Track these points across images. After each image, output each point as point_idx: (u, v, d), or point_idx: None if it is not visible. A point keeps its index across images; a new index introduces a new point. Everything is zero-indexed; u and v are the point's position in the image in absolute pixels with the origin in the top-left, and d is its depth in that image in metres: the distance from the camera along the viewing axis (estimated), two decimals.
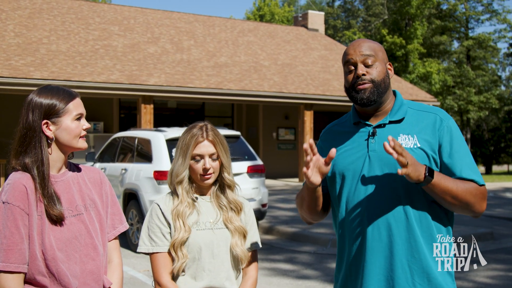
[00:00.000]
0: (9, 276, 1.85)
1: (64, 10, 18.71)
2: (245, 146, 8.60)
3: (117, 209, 2.23)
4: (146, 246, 2.26)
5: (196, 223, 2.25)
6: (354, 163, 2.08)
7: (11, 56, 14.10)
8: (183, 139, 2.28)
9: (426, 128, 2.05)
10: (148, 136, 8.25)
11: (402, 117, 2.09)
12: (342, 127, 2.23)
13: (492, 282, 6.09)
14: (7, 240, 1.85)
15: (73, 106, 2.03)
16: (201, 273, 2.23)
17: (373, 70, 2.06)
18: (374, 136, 2.07)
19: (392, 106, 2.13)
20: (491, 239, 8.57)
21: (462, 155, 2.03)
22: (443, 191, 1.94)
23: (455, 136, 2.05)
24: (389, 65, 2.14)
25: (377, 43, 2.13)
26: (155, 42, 18.35)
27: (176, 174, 2.27)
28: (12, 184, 1.91)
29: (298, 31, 24.75)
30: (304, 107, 17.53)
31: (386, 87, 2.09)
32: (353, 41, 2.13)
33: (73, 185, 2.07)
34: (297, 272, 6.57)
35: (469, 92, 32.75)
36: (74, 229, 1.99)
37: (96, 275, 2.04)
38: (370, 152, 2.06)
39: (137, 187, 7.83)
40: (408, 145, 2.02)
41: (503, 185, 20.07)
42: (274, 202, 12.33)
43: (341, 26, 45.18)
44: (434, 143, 2.03)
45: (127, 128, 13.67)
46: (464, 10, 35.70)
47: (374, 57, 2.06)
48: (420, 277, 2.00)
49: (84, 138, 2.07)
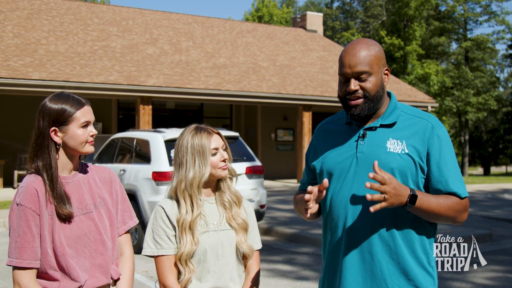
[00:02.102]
0: (22, 271, 2.03)
1: (62, 11, 18.70)
2: (244, 147, 8.60)
3: (127, 205, 2.38)
4: (151, 249, 2.26)
5: (202, 227, 2.27)
6: (342, 163, 2.11)
7: (9, 57, 14.09)
8: (191, 143, 2.28)
9: (416, 135, 2.06)
10: (146, 137, 8.24)
11: (393, 121, 2.10)
12: (335, 125, 2.26)
13: (490, 284, 6.09)
14: (21, 239, 2.03)
15: (81, 114, 2.15)
16: (206, 274, 2.25)
17: (366, 84, 2.05)
18: (364, 138, 2.09)
19: (385, 109, 2.14)
20: (489, 240, 8.57)
21: (449, 167, 2.04)
22: (426, 213, 1.97)
23: (445, 146, 2.05)
24: (386, 70, 2.11)
25: (374, 49, 2.07)
26: (153, 43, 18.35)
27: (200, 177, 2.26)
28: (25, 187, 2.07)
29: (296, 32, 24.76)
30: (302, 108, 17.54)
31: (380, 97, 2.08)
32: (349, 47, 2.07)
33: (84, 185, 2.22)
34: (295, 273, 6.56)
35: (467, 93, 32.79)
36: (83, 226, 2.15)
37: (104, 269, 2.19)
38: (358, 153, 2.08)
39: (135, 188, 7.82)
40: (396, 150, 2.03)
41: (501, 187, 20.07)
42: (272, 203, 12.32)
43: (339, 27, 45.20)
44: (422, 150, 2.04)
45: (126, 129, 13.66)
46: (463, 12, 35.76)
47: (368, 73, 2.03)
48: (398, 279, 2.02)
49: (92, 143, 2.20)
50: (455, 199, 2.01)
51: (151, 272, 6.54)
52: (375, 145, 2.06)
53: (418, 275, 2.03)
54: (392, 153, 2.03)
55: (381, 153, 2.04)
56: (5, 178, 15.52)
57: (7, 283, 6.01)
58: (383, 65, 2.10)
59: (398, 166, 2.01)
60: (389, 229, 2.02)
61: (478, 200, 14.58)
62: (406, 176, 2.02)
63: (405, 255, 2.02)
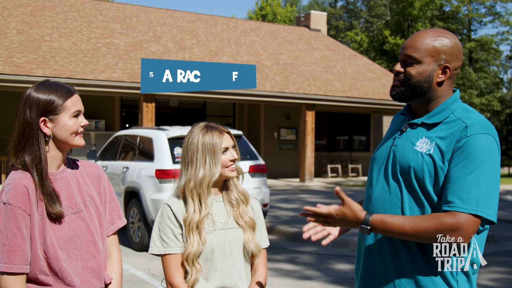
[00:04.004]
0: (11, 277, 1.84)
1: (66, 8, 18.70)
2: (247, 145, 8.59)
3: (115, 204, 2.22)
4: (158, 247, 2.23)
5: (208, 225, 2.24)
6: (381, 153, 2.15)
7: (13, 54, 14.10)
8: (202, 141, 2.23)
9: (447, 136, 1.94)
10: (150, 135, 8.23)
11: (436, 121, 2.00)
12: (398, 114, 2.27)
13: (493, 285, 6.07)
14: (10, 242, 1.84)
15: (71, 103, 2.00)
16: (213, 273, 2.23)
17: (410, 70, 2.00)
18: (403, 133, 2.08)
19: (435, 107, 2.04)
20: (492, 241, 8.55)
21: (463, 173, 1.86)
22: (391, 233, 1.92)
23: (471, 152, 1.87)
24: (446, 67, 1.99)
25: (440, 40, 1.98)
26: (157, 40, 18.34)
27: (211, 176, 2.22)
28: (13, 185, 1.90)
29: (300, 31, 24.73)
30: (305, 107, 17.51)
31: (424, 90, 2.00)
32: (418, 31, 2.06)
33: (72, 182, 2.06)
34: (298, 272, 6.55)
35: (471, 94, 32.73)
36: (74, 227, 1.98)
37: (97, 272, 2.03)
38: (393, 146, 2.09)
39: (138, 186, 7.81)
40: (422, 150, 1.97)
41: (504, 188, 20.05)
42: (275, 202, 12.32)
43: (343, 26, 45.16)
44: (447, 152, 1.91)
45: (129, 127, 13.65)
46: (467, 12, 35.66)
47: (416, 60, 1.98)
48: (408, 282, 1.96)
49: (81, 135, 2.04)
50: (436, 220, 1.84)
51: (153, 270, 6.53)
52: (408, 141, 2.04)
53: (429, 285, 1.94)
54: (417, 151, 1.97)
55: (408, 150, 2.01)
56: (7, 174, 15.52)
57: None
58: (445, 60, 1.98)
59: (415, 166, 1.95)
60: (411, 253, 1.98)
61: None
62: (424, 177, 1.93)
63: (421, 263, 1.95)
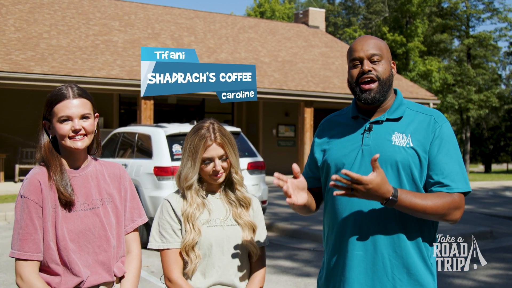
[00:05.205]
0: (24, 263, 2.02)
1: (64, 5, 18.66)
2: (246, 142, 8.59)
3: (137, 203, 2.32)
4: (157, 242, 2.26)
5: (207, 221, 2.25)
6: (347, 156, 2.12)
7: (11, 51, 14.07)
8: (190, 142, 2.25)
9: (420, 129, 2.07)
10: (148, 132, 8.23)
11: (399, 116, 2.12)
12: (341, 118, 2.27)
13: (492, 281, 6.09)
14: (23, 231, 2.02)
15: (57, 109, 2.08)
16: (210, 269, 2.24)
17: (379, 67, 2.09)
18: (370, 131, 2.10)
19: (391, 104, 2.16)
20: (490, 237, 8.57)
21: (449, 159, 2.03)
22: (411, 212, 1.96)
23: (446, 139, 2.05)
24: (393, 63, 2.17)
25: (382, 41, 2.16)
26: (155, 37, 18.32)
27: (185, 177, 2.25)
28: (29, 179, 2.07)
29: (298, 28, 24.71)
30: (304, 104, 17.52)
31: (390, 86, 2.13)
32: (359, 37, 2.15)
33: (92, 180, 2.18)
34: (297, 269, 6.56)
35: (469, 90, 32.71)
36: (88, 221, 2.12)
37: (107, 266, 2.15)
38: (363, 146, 2.09)
39: (137, 183, 7.82)
40: (401, 144, 2.04)
41: (502, 184, 20.09)
42: (274, 199, 12.33)
43: (341, 23, 45.12)
44: (426, 143, 2.04)
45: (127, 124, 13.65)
46: (465, 9, 35.63)
47: (380, 56, 2.09)
48: (399, 272, 2.03)
49: (77, 139, 2.09)
50: (447, 198, 1.98)
51: (152, 267, 6.54)
52: (381, 138, 2.07)
53: (419, 271, 2.03)
54: (397, 146, 2.04)
55: (386, 146, 2.05)
56: (6, 172, 15.53)
57: (7, 276, 6.01)
58: (391, 58, 2.16)
59: (402, 160, 2.02)
60: (394, 222, 2.03)
61: (479, 197, 14.58)
62: (411, 170, 2.03)
63: (409, 249, 2.02)
